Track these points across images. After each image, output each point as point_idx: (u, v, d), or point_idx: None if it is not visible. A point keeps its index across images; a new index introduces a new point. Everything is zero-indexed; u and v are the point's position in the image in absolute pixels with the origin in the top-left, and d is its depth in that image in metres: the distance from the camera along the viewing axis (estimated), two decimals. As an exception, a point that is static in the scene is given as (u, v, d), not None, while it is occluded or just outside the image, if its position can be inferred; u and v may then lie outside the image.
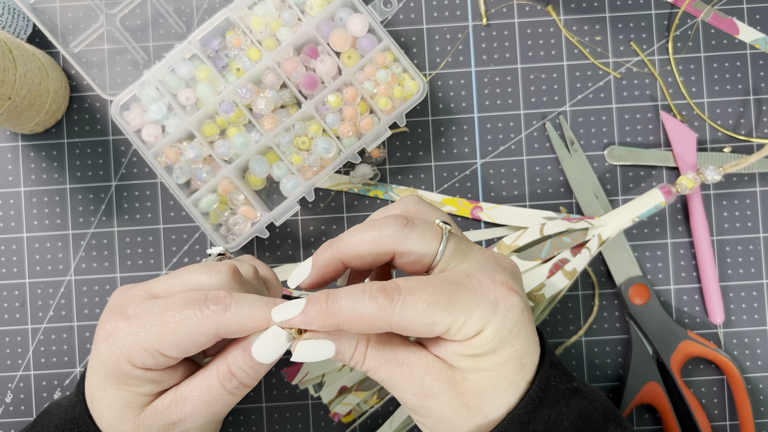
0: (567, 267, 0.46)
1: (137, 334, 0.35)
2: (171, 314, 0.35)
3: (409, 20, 0.52)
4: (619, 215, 0.47)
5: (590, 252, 0.47)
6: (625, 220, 0.47)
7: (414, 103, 0.49)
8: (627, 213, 0.47)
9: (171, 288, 0.37)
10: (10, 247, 0.51)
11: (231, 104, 0.48)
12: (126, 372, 0.35)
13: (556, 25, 0.52)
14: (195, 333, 0.34)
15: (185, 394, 0.36)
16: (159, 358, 0.35)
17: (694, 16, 0.51)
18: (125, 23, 0.51)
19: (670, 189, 0.47)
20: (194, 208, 0.48)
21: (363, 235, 0.35)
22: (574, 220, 0.48)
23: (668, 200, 0.47)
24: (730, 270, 0.51)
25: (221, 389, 0.36)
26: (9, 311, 0.51)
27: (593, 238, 0.46)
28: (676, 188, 0.47)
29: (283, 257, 0.51)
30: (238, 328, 0.35)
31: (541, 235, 0.47)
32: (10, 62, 0.43)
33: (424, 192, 0.50)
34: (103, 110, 0.52)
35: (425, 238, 0.34)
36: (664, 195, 0.47)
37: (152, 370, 0.35)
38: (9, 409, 0.51)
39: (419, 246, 0.34)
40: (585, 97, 0.51)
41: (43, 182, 0.51)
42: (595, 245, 0.46)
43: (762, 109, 0.51)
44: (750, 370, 0.50)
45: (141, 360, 0.35)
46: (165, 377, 0.36)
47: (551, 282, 0.46)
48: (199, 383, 0.36)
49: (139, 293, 0.37)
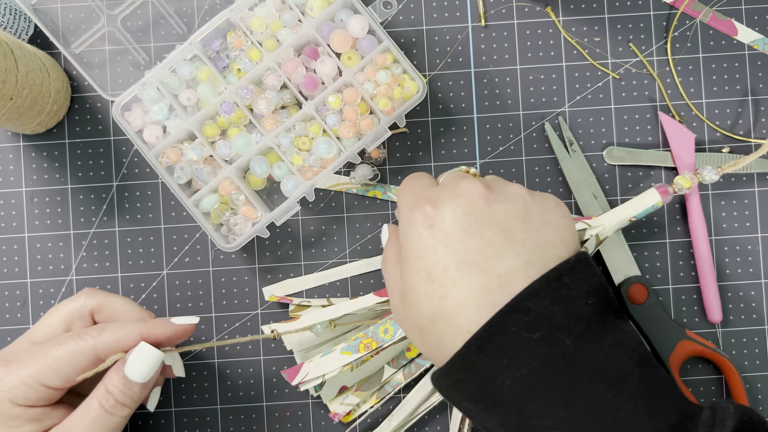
0: None
1: (18, 372, 0.37)
2: (52, 346, 0.37)
3: (408, 21, 0.52)
4: (616, 215, 0.47)
5: (588, 251, 0.47)
6: (622, 220, 0.47)
7: (414, 104, 0.49)
8: (624, 213, 0.47)
9: (47, 328, 0.40)
10: (11, 247, 0.51)
11: (232, 105, 0.48)
12: (7, 412, 0.36)
13: (555, 26, 0.52)
14: (75, 356, 0.37)
15: (67, 426, 0.37)
16: (42, 391, 0.37)
17: (693, 17, 0.51)
18: (126, 24, 0.51)
19: (667, 189, 0.47)
20: (195, 209, 0.48)
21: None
22: (573, 220, 0.48)
23: (665, 200, 0.47)
24: (729, 270, 0.51)
25: (100, 410, 0.37)
26: (10, 311, 0.51)
27: (591, 238, 0.47)
28: (673, 188, 0.47)
29: (283, 257, 0.51)
30: (114, 343, 0.38)
31: None
32: (12, 63, 0.43)
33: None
34: (104, 111, 0.52)
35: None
36: (661, 195, 0.47)
37: (35, 406, 0.37)
38: (10, 408, 0.51)
39: None
40: (584, 97, 0.52)
41: (44, 182, 0.52)
42: (592, 245, 0.47)
43: (760, 109, 0.51)
44: (748, 370, 0.51)
45: (23, 396, 0.36)
46: (48, 416, 0.38)
47: None
48: (79, 410, 0.38)
49: (18, 344, 0.40)
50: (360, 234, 0.51)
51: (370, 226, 0.51)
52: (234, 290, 0.51)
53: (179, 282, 0.51)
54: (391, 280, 0.40)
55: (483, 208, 0.37)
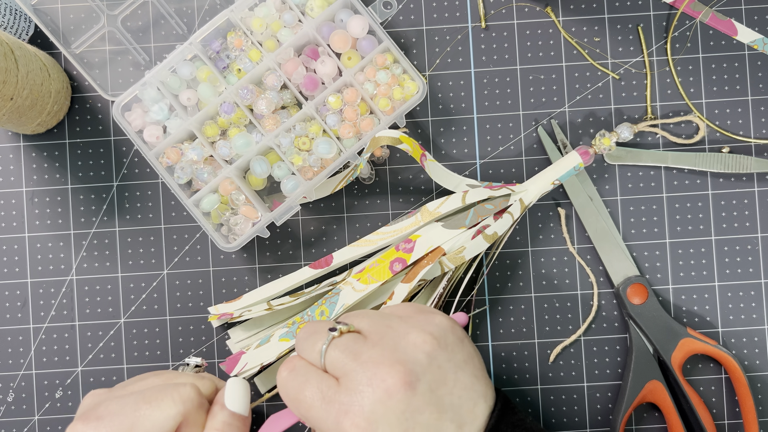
0: (488, 231, 0.47)
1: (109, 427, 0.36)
2: (144, 402, 0.37)
3: (408, 21, 0.52)
4: (539, 180, 0.48)
5: (512, 217, 0.47)
6: (545, 184, 0.48)
7: (414, 104, 0.49)
8: (547, 177, 0.48)
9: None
10: (11, 247, 0.51)
11: (232, 105, 0.48)
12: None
13: (555, 27, 0.52)
14: (167, 417, 0.37)
15: None
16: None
17: (693, 17, 0.51)
18: (126, 24, 0.51)
19: (587, 150, 0.48)
20: (195, 208, 0.48)
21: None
22: (496, 187, 0.48)
23: (586, 161, 0.48)
24: (729, 270, 0.51)
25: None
26: (11, 311, 0.51)
27: (515, 203, 0.47)
28: (593, 149, 0.48)
29: (283, 257, 0.51)
30: (207, 393, 0.39)
31: (463, 203, 0.47)
32: (12, 63, 0.43)
33: (384, 132, 0.48)
34: (104, 111, 0.52)
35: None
36: (582, 156, 0.48)
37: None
38: (11, 408, 0.51)
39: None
40: (584, 97, 0.52)
41: (44, 182, 0.52)
42: (517, 210, 0.47)
43: (760, 109, 0.51)
44: (749, 370, 0.51)
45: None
46: None
47: (472, 244, 0.47)
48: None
49: (108, 396, 0.39)
50: (360, 234, 0.51)
51: (370, 227, 0.51)
52: (234, 290, 0.51)
53: (179, 282, 0.51)
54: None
55: (409, 397, 0.34)
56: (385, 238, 0.48)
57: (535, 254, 0.51)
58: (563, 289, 0.51)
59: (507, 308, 0.51)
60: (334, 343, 0.36)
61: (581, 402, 0.51)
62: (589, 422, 0.51)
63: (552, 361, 0.51)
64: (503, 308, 0.51)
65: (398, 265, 0.47)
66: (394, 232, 0.48)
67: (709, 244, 0.51)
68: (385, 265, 0.47)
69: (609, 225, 0.51)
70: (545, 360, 0.51)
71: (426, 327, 0.37)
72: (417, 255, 0.47)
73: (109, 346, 0.51)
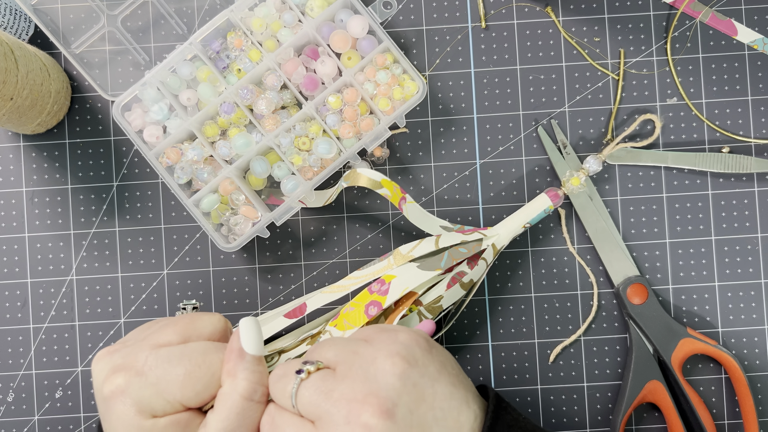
0: (464, 279, 0.46)
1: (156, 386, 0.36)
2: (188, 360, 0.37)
3: (408, 21, 0.52)
4: (510, 223, 0.48)
5: (486, 262, 0.47)
6: (516, 227, 0.48)
7: (414, 104, 0.49)
8: (517, 220, 0.48)
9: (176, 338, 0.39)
10: (11, 247, 0.51)
11: (232, 105, 0.48)
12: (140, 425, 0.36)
13: (555, 27, 0.52)
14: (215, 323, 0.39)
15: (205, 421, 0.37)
16: (178, 407, 0.37)
17: (693, 17, 0.51)
18: (126, 24, 0.51)
19: (557, 192, 0.49)
20: (195, 209, 0.48)
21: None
22: (468, 231, 0.48)
23: (556, 203, 0.48)
24: (729, 270, 0.51)
25: (234, 395, 0.37)
26: (11, 311, 0.51)
27: (488, 248, 0.47)
28: (562, 190, 0.49)
29: (283, 257, 0.51)
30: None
31: (436, 247, 0.47)
32: (12, 63, 0.43)
33: (363, 169, 0.48)
34: (104, 111, 0.52)
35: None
36: (552, 199, 0.48)
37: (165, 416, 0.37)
38: (11, 408, 0.51)
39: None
40: (584, 98, 0.52)
41: (44, 182, 0.52)
42: (490, 255, 0.47)
43: (760, 109, 0.51)
44: (749, 370, 0.51)
45: (161, 408, 0.36)
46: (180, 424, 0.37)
47: (448, 294, 0.46)
48: (216, 405, 0.37)
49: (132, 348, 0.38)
50: (360, 234, 0.51)
51: (369, 226, 0.51)
52: (234, 290, 0.51)
53: (179, 282, 0.51)
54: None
55: (389, 426, 0.34)
56: (357, 283, 0.47)
57: (535, 254, 0.51)
58: (563, 289, 0.51)
59: (507, 308, 0.51)
60: (303, 385, 0.35)
61: (581, 402, 0.51)
62: (589, 422, 0.51)
63: (552, 361, 0.51)
64: (503, 308, 0.51)
65: (374, 309, 0.45)
66: (366, 276, 0.47)
67: (709, 244, 0.51)
68: (360, 309, 0.45)
69: (609, 225, 0.51)
70: (545, 360, 0.51)
71: (392, 347, 0.36)
72: (392, 297, 0.45)
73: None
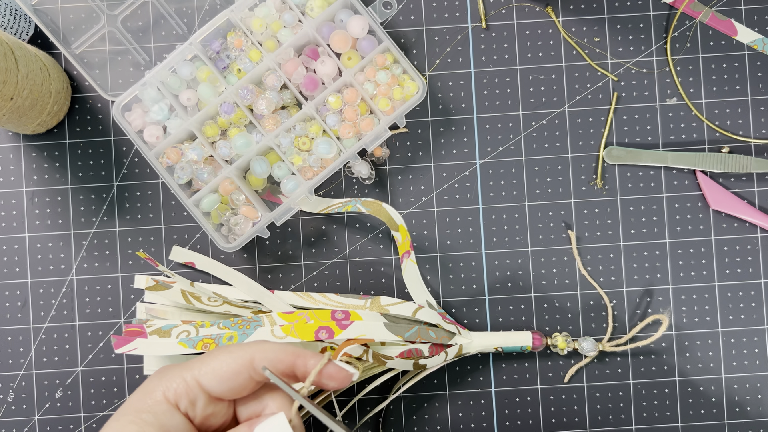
0: (420, 361, 0.46)
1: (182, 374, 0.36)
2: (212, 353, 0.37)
3: (408, 22, 0.52)
4: (487, 339, 0.49)
5: (446, 356, 0.47)
6: (489, 345, 0.49)
7: (414, 104, 0.49)
8: (494, 340, 0.49)
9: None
10: (12, 247, 0.51)
11: (232, 105, 0.48)
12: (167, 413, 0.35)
13: (555, 27, 0.52)
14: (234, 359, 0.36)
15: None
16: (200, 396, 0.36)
17: (693, 18, 0.51)
18: (126, 24, 0.51)
19: (541, 339, 0.49)
20: (195, 209, 0.48)
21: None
22: (448, 320, 0.48)
23: (535, 347, 0.49)
24: (728, 270, 0.51)
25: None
26: (11, 311, 0.51)
27: (455, 345, 0.48)
28: (546, 341, 0.49)
29: (283, 257, 0.51)
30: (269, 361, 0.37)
31: (412, 316, 0.47)
32: (12, 63, 0.43)
33: (389, 207, 0.48)
34: (104, 111, 0.52)
35: None
36: (534, 341, 0.49)
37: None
38: (11, 408, 0.51)
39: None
40: (584, 98, 0.52)
41: (44, 182, 0.52)
42: (453, 353, 0.48)
43: (760, 109, 0.51)
44: (749, 370, 0.51)
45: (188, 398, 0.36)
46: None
47: (399, 362, 0.46)
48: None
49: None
50: (360, 234, 0.51)
51: (369, 227, 0.51)
52: (234, 290, 0.51)
53: (179, 282, 0.51)
54: None
55: None
56: (328, 305, 0.48)
57: (535, 254, 0.51)
58: (563, 289, 0.51)
59: (507, 308, 0.51)
60: None
61: (582, 402, 0.51)
62: (590, 422, 0.51)
63: (567, 381, 0.51)
64: (503, 308, 0.51)
65: (324, 334, 0.45)
66: (339, 304, 0.48)
67: (709, 244, 0.51)
68: (313, 327, 0.45)
69: None
70: (545, 360, 0.51)
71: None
72: (346, 336, 0.45)
73: (109, 346, 0.51)
